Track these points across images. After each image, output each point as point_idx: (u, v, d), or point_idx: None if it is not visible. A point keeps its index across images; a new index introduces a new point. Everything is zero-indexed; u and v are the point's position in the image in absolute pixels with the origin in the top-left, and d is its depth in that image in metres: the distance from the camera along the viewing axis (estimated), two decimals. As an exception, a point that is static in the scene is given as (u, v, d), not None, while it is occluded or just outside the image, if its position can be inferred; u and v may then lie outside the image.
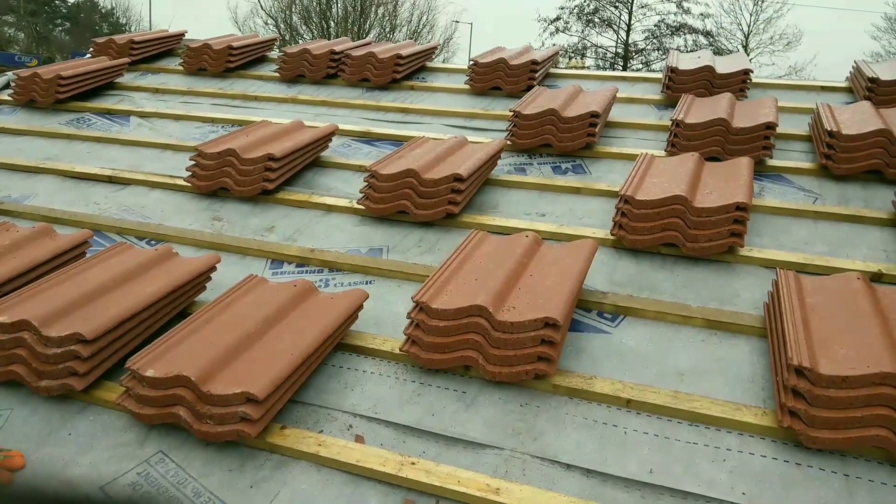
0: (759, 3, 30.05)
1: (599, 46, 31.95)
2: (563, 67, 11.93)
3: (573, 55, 31.43)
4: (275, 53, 6.11)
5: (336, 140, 4.32)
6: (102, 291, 2.55)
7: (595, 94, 4.45)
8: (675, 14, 30.59)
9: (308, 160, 3.98)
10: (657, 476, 2.02)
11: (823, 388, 2.02)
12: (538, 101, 4.25)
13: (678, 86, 4.67)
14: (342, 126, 4.43)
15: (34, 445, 2.16)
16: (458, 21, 33.65)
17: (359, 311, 2.62)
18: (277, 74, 5.53)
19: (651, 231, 3.03)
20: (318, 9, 29.87)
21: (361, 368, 2.48)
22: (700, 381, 2.36)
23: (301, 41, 27.67)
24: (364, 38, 8.61)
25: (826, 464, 2.03)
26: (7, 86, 5.30)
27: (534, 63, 4.98)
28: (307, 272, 3.12)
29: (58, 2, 36.67)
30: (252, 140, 3.89)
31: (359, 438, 2.18)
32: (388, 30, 30.26)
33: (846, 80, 4.92)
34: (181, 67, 5.74)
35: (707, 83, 4.64)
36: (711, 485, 1.99)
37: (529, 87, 4.86)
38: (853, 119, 3.78)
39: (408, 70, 5.35)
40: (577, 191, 3.66)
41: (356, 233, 3.41)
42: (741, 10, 36.71)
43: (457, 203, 3.35)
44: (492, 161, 3.74)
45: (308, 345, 2.30)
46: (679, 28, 30.55)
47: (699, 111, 4.02)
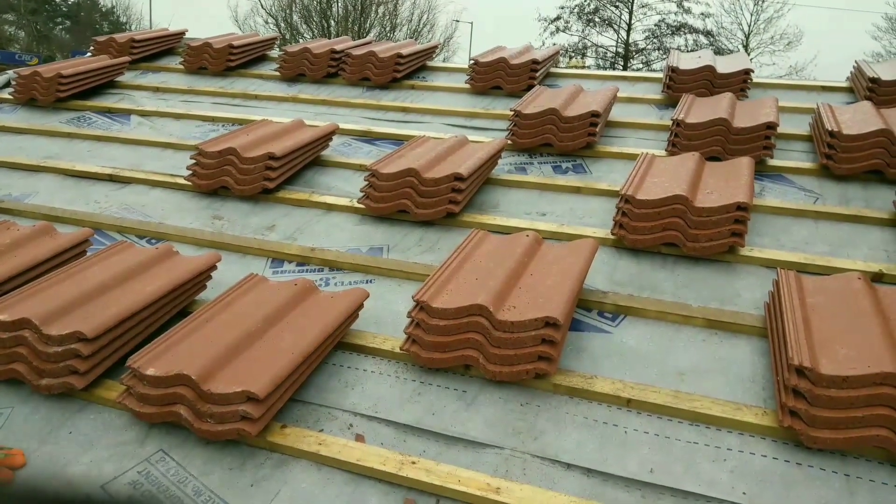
0: (760, 3, 30.09)
1: (600, 46, 31.99)
2: (564, 67, 11.90)
3: (574, 55, 31.44)
4: (275, 52, 6.11)
5: (336, 139, 4.32)
6: (103, 290, 2.55)
7: (595, 94, 4.45)
8: (676, 14, 30.67)
9: (308, 159, 3.98)
10: (658, 476, 2.02)
11: (824, 388, 2.02)
12: (539, 101, 4.25)
13: (679, 85, 4.67)
14: (343, 125, 4.43)
15: (35, 444, 2.16)
16: (459, 20, 33.69)
17: (359, 311, 2.62)
18: (278, 73, 5.53)
19: (652, 231, 3.03)
20: (319, 8, 29.89)
21: (362, 367, 2.48)
22: (701, 381, 2.36)
23: (301, 40, 27.70)
24: (364, 38, 8.60)
25: (827, 464, 2.03)
26: (8, 84, 5.30)
27: (534, 62, 4.98)
28: (307, 271, 3.12)
29: (58, 0, 36.66)
30: (252, 139, 3.89)
31: (359, 437, 2.18)
32: (389, 29, 30.28)
33: (847, 81, 4.92)
34: (182, 66, 5.74)
35: (708, 83, 4.64)
36: (712, 484, 1.99)
37: (530, 87, 4.86)
38: (854, 119, 3.78)
39: (408, 69, 5.35)
40: (578, 190, 3.66)
41: (357, 232, 3.41)
42: (742, 10, 36.74)
43: (457, 202, 3.35)
44: (492, 160, 3.74)
45: (308, 344, 2.30)
46: (679, 28, 30.57)
47: (700, 111, 4.02)
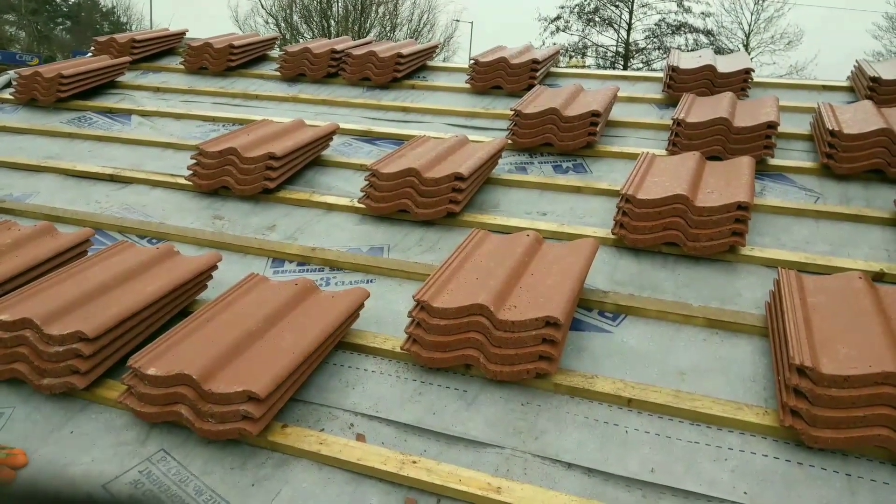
0: (760, 3, 30.06)
1: (600, 45, 31.99)
2: (564, 66, 11.92)
3: (574, 54, 31.43)
4: (276, 52, 6.11)
5: (337, 139, 4.32)
6: (104, 290, 2.55)
7: (596, 94, 4.44)
8: (676, 13, 30.64)
9: (309, 159, 3.98)
10: (658, 475, 2.02)
11: (825, 388, 2.02)
12: (539, 101, 4.25)
13: (679, 85, 4.67)
14: (343, 125, 4.43)
15: (36, 443, 2.16)
16: (459, 20, 33.70)
17: (360, 310, 2.63)
18: (278, 73, 5.53)
19: (652, 230, 3.03)
20: (319, 8, 29.89)
21: (362, 367, 2.48)
22: (701, 381, 2.36)
23: (302, 40, 27.70)
24: (365, 37, 8.59)
25: (828, 463, 2.03)
26: (8, 84, 5.30)
27: (535, 62, 4.97)
28: (308, 271, 3.12)
29: (58, 0, 36.68)
30: (253, 139, 3.89)
31: (360, 437, 2.18)
32: (389, 29, 30.28)
33: (847, 80, 4.92)
34: (182, 66, 5.74)
35: (708, 82, 4.63)
36: (713, 484, 1.99)
37: (530, 87, 4.86)
38: (855, 118, 3.77)
39: (408, 69, 5.35)
40: (578, 190, 3.66)
41: (357, 232, 3.41)
42: (742, 10, 36.74)
43: (458, 202, 3.35)
44: (493, 160, 3.74)
45: (309, 343, 2.30)
46: (680, 27, 30.55)
47: (700, 110, 4.02)
